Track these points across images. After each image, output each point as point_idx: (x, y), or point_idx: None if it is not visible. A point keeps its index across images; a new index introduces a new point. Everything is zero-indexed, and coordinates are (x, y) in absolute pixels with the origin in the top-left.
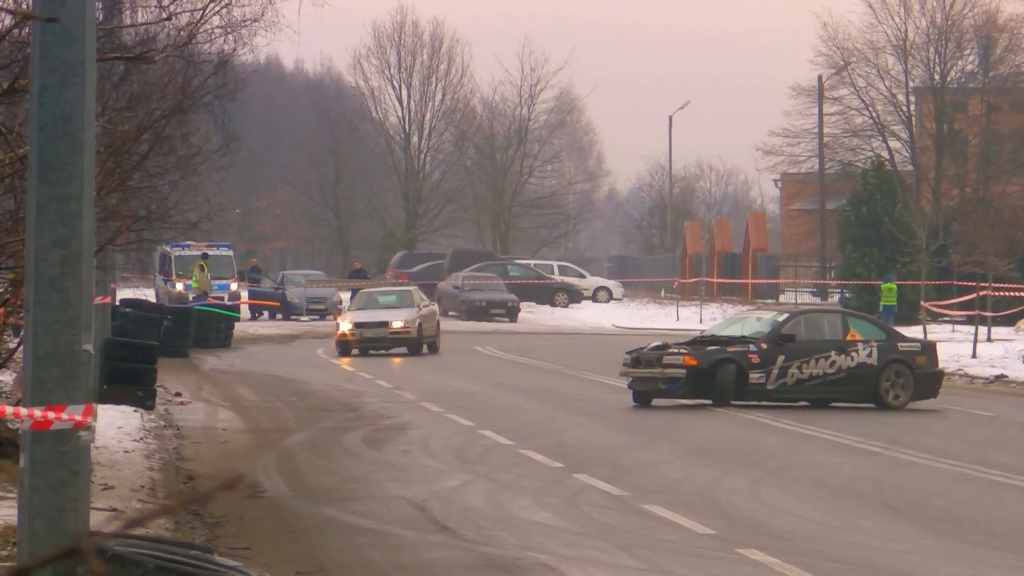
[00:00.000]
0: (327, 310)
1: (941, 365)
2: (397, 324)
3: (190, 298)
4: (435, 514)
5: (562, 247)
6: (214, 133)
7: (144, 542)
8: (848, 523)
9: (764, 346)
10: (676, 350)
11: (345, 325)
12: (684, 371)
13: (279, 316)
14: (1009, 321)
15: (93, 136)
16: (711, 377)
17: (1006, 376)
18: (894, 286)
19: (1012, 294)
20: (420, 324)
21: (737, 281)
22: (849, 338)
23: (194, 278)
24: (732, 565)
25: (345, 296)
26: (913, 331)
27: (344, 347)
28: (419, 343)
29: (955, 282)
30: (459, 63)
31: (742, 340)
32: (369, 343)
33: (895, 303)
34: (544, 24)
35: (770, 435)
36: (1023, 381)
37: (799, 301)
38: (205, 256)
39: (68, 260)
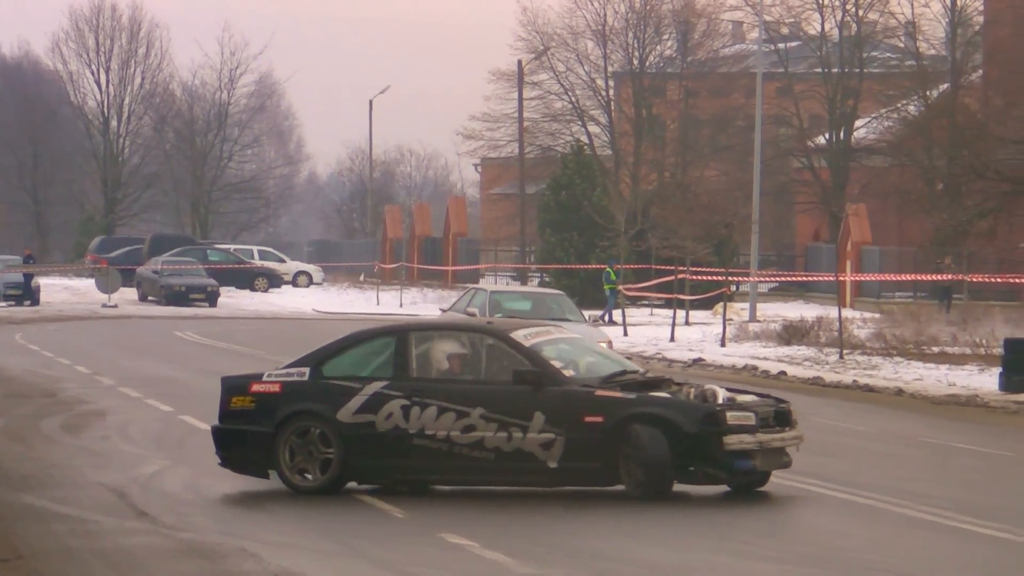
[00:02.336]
0: (24, 295)
1: (640, 349)
2: None
3: None
4: (134, 500)
5: (262, 232)
6: None
7: None
8: (546, 505)
9: None
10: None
11: None
12: None
13: None
14: (706, 305)
15: None
16: None
17: (703, 359)
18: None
19: (709, 278)
20: None
21: (438, 267)
22: None
23: None
24: (432, 549)
25: (48, 282)
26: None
27: None
28: None
29: (653, 266)
30: (158, 47)
31: None
32: None
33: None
34: (244, 8)
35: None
36: (720, 364)
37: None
38: None
39: None
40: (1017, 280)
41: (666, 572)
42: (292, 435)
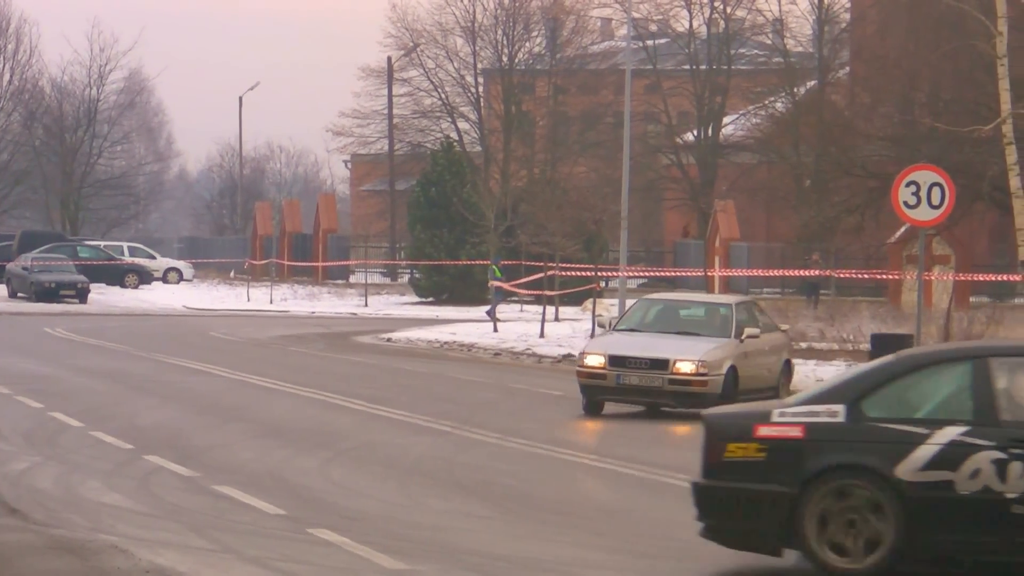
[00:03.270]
0: None
1: (509, 345)
2: (685, 367)
3: None
4: (4, 496)
5: (132, 228)
6: None
7: None
8: (419, 502)
9: None
10: None
11: (595, 357)
12: None
13: None
14: (576, 300)
15: None
16: None
17: (573, 355)
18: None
19: (579, 274)
20: (732, 367)
21: (308, 264)
22: None
23: None
24: (303, 545)
25: None
26: (480, 310)
27: (592, 395)
28: (719, 399)
29: (524, 262)
30: (27, 43)
31: None
32: (634, 393)
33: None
34: (114, 4)
35: (342, 415)
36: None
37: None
38: None
39: None
40: (883, 276)
41: (536, 568)
42: (826, 498)
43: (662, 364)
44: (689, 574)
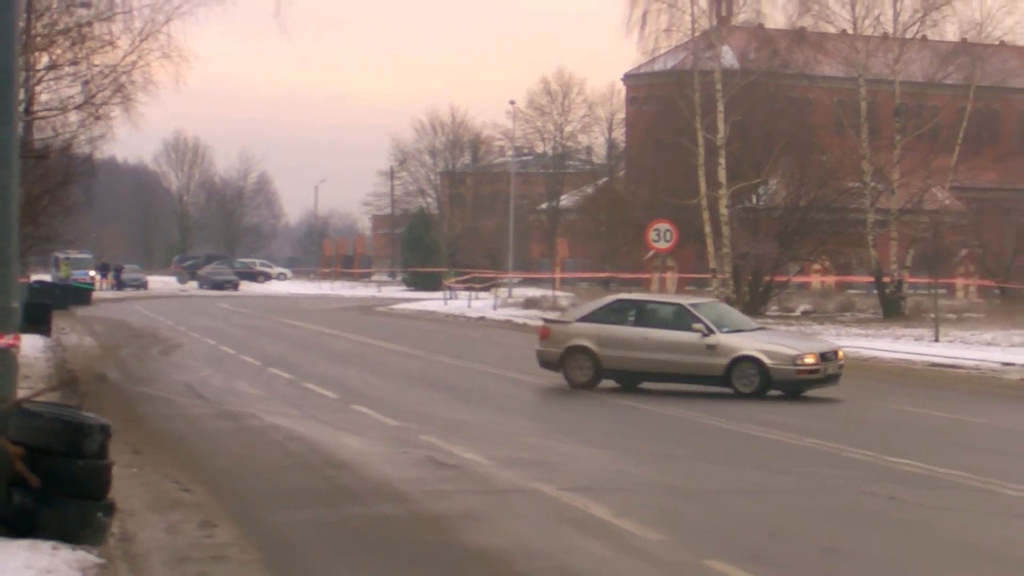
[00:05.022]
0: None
1: (455, 312)
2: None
3: (67, 279)
4: (197, 389)
5: (262, 252)
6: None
7: (43, 404)
8: (409, 392)
9: None
10: None
11: (810, 357)
12: None
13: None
14: (487, 290)
15: (16, 197)
16: None
17: (485, 317)
18: None
19: (489, 275)
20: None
21: (350, 270)
22: None
23: (63, 269)
24: (349, 414)
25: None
26: (439, 295)
27: (803, 388)
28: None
29: (461, 269)
30: (205, 156)
31: None
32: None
33: None
34: (252, 130)
35: (366, 349)
36: (495, 319)
37: None
38: (67, 257)
39: (4, 260)
40: (644, 276)
41: (475, 424)
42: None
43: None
44: (547, 423)
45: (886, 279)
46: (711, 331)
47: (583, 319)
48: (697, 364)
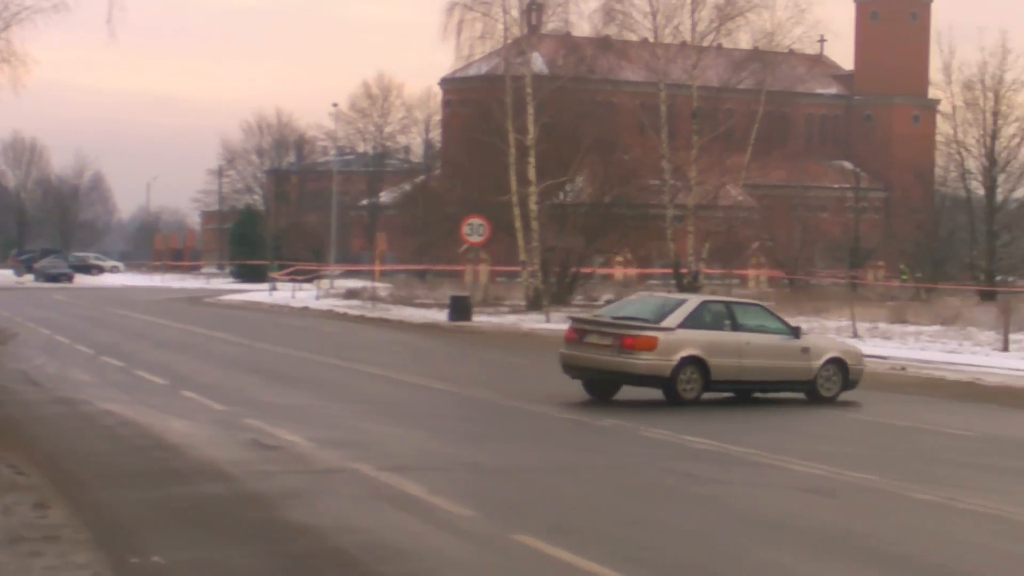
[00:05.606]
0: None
1: (279, 302)
2: None
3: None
4: (31, 376)
5: (94, 247)
6: None
7: None
8: (236, 378)
9: None
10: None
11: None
12: None
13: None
14: (311, 281)
15: None
16: None
17: (308, 308)
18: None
19: (313, 268)
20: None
21: (183, 263)
22: None
23: None
24: (178, 399)
25: None
26: (265, 286)
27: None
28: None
29: (284, 262)
30: (42, 158)
31: None
32: None
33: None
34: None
35: (193, 337)
36: (318, 309)
37: None
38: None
39: None
40: (459, 268)
41: (293, 410)
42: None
43: None
44: (365, 405)
45: (683, 270)
46: (797, 333)
47: (683, 325)
48: (795, 369)
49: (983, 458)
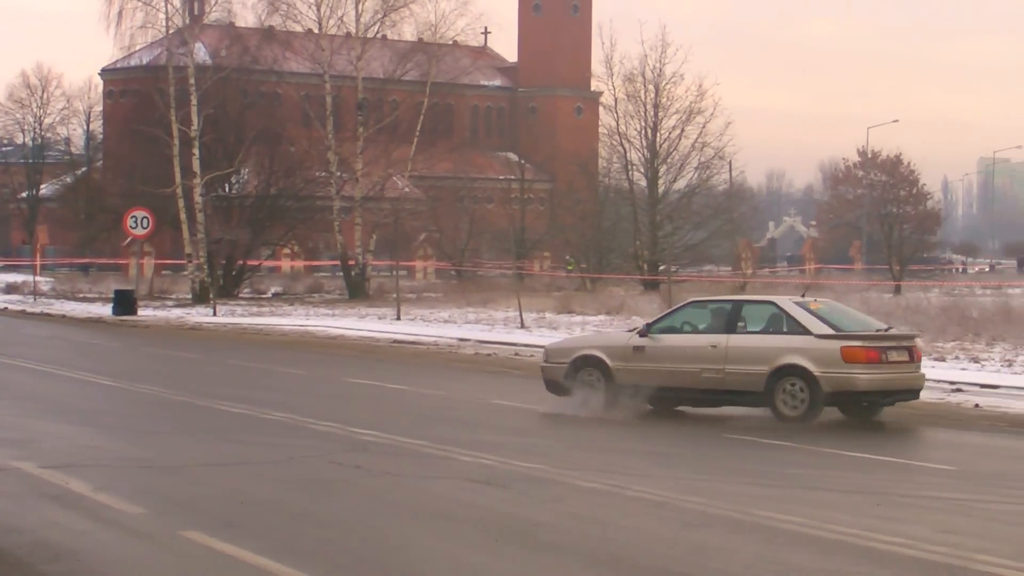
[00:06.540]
0: None
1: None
2: None
3: None
4: None
5: None
6: None
7: None
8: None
9: None
10: None
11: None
12: None
13: None
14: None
15: None
16: None
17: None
18: None
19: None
20: None
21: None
22: None
23: None
24: None
25: None
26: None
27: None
28: None
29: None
30: None
31: None
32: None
33: None
34: None
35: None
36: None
37: None
38: None
39: None
40: (121, 261)
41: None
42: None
43: None
44: (29, 402)
45: (351, 262)
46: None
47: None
48: None
49: (640, 444)
